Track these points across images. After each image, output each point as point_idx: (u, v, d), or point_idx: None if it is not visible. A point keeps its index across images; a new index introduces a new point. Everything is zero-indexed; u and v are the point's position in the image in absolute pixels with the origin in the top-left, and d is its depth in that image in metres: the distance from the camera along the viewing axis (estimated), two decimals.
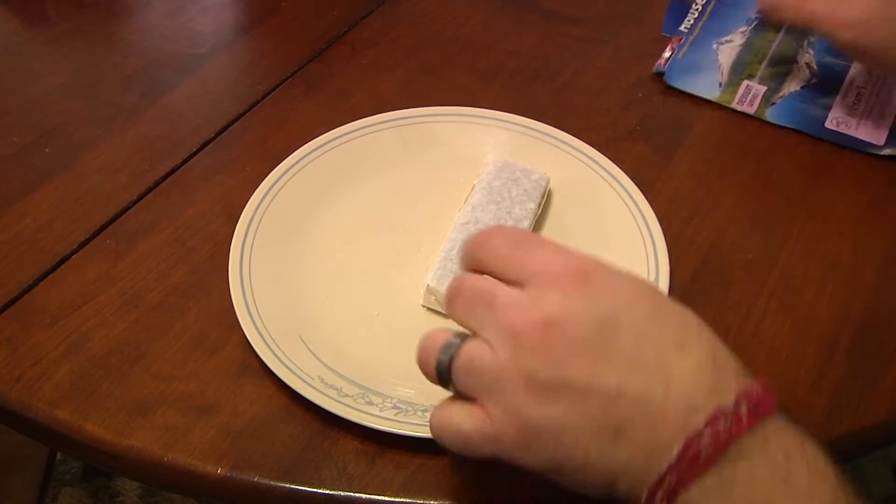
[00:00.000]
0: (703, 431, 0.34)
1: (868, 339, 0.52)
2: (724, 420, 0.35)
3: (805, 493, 0.34)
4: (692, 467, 0.34)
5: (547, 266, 0.38)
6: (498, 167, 0.57)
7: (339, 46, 0.73)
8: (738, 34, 0.73)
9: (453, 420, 0.39)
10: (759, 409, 0.35)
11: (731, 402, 0.35)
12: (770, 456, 0.35)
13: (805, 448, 0.35)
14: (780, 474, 0.34)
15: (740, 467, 0.34)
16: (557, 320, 0.36)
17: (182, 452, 0.45)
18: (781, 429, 0.36)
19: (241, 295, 0.51)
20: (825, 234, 0.57)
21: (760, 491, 0.34)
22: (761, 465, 0.34)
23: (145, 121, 0.65)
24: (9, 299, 0.53)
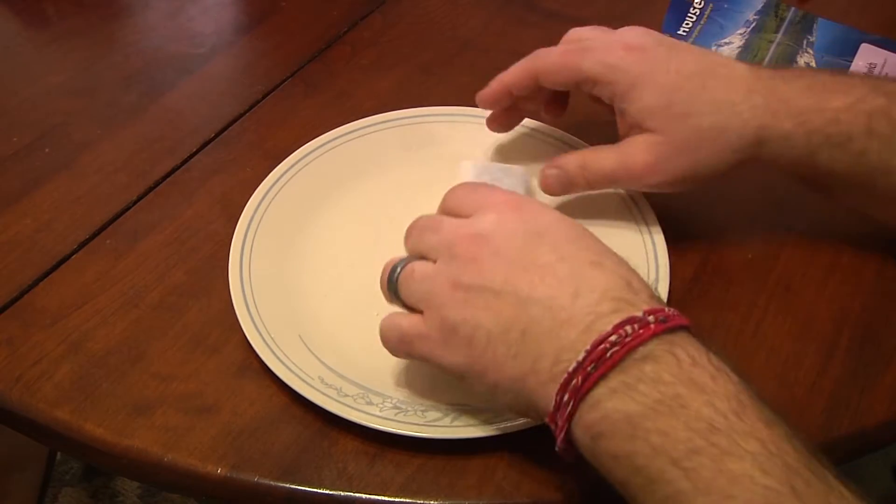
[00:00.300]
0: (611, 334, 0.37)
1: (868, 339, 0.52)
2: (631, 326, 0.37)
3: (710, 389, 0.36)
4: (598, 367, 0.37)
5: (490, 199, 0.44)
6: (478, 170, 0.56)
7: (339, 46, 0.73)
8: (737, 36, 0.73)
9: (395, 321, 0.44)
10: (668, 321, 0.38)
11: (641, 313, 0.38)
12: (677, 359, 0.37)
13: (710, 356, 0.37)
14: (685, 375, 0.36)
15: (647, 369, 0.37)
16: (487, 234, 0.42)
17: (182, 452, 0.45)
18: (689, 338, 0.38)
19: (241, 295, 0.51)
20: (825, 234, 0.57)
21: (665, 389, 0.36)
22: (667, 367, 0.36)
23: (145, 121, 0.65)
24: (9, 299, 0.53)
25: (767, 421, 0.35)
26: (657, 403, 0.36)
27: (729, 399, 0.35)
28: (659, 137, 0.51)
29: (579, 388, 0.37)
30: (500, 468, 0.45)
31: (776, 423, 0.35)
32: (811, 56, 0.71)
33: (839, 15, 0.74)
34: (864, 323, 0.52)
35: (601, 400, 0.37)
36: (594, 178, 0.53)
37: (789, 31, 0.73)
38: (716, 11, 0.75)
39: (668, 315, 0.38)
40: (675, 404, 0.35)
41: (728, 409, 0.35)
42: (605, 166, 0.53)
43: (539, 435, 0.45)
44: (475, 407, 0.46)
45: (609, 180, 0.53)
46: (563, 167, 0.54)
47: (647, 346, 0.37)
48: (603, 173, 0.53)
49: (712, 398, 0.35)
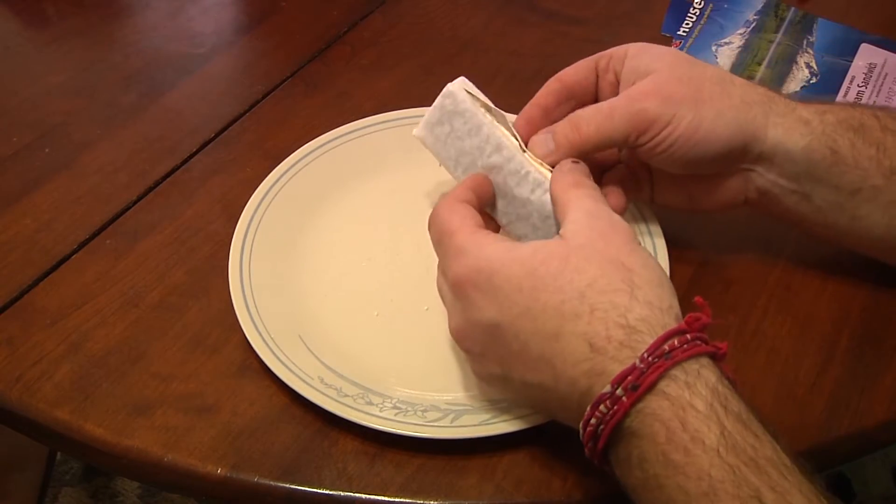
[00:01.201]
0: (591, 416, 0.38)
1: (868, 339, 0.51)
2: (604, 405, 0.37)
3: (681, 471, 0.35)
4: (596, 441, 0.38)
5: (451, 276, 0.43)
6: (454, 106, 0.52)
7: (339, 46, 0.73)
8: (737, 36, 0.73)
9: None
10: (639, 386, 0.36)
11: (608, 389, 0.37)
12: (652, 434, 0.36)
13: (686, 419, 0.36)
14: (660, 453, 0.36)
15: (633, 444, 0.37)
16: (463, 330, 0.43)
17: (182, 452, 0.45)
18: (665, 399, 0.37)
19: (241, 295, 0.51)
20: None
21: (648, 468, 0.37)
22: (648, 442, 0.37)
23: (145, 121, 0.65)
24: (9, 299, 0.53)
25: (742, 498, 0.34)
26: (644, 482, 0.37)
27: (700, 478, 0.35)
28: (662, 72, 0.49)
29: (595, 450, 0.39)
30: (500, 468, 0.45)
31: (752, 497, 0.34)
32: (811, 56, 0.71)
33: (839, 15, 0.74)
34: (864, 323, 0.52)
35: (613, 464, 0.39)
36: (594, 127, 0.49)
37: (789, 31, 0.73)
38: (716, 11, 0.75)
39: (638, 374, 0.37)
40: (654, 485, 0.36)
41: (698, 491, 0.35)
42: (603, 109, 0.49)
43: (539, 435, 0.45)
44: (475, 407, 0.46)
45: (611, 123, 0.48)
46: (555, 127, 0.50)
47: (626, 422, 0.37)
48: (603, 116, 0.49)
49: (683, 480, 0.35)
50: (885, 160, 0.48)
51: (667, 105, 0.48)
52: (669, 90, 0.48)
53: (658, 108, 0.48)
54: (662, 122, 0.48)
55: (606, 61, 0.52)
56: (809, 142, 0.48)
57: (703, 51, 0.72)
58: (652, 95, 0.48)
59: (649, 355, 0.37)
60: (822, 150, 0.48)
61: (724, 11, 0.75)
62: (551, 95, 0.53)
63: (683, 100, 0.48)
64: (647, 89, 0.49)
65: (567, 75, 0.53)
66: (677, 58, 0.51)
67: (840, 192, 0.49)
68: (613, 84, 0.52)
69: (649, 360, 0.37)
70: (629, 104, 0.49)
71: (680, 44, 0.72)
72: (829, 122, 0.48)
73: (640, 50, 0.51)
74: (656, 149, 0.49)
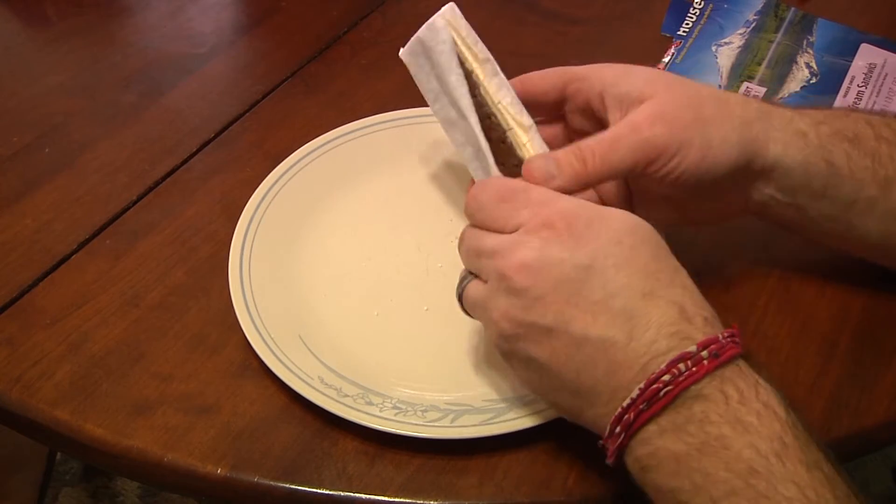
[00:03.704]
0: (664, 373, 0.37)
1: (868, 339, 0.52)
2: (684, 364, 0.37)
3: (754, 429, 0.36)
4: (650, 405, 0.37)
5: (532, 217, 0.42)
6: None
7: (339, 46, 0.73)
8: (737, 36, 0.73)
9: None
10: (721, 355, 0.38)
11: (694, 349, 0.38)
12: (725, 396, 0.37)
13: (759, 390, 0.38)
14: (731, 414, 0.37)
15: (696, 408, 0.37)
16: (533, 266, 0.40)
17: (182, 452, 0.45)
18: (740, 371, 0.38)
19: (241, 295, 0.51)
20: None
21: (711, 430, 0.36)
22: (715, 406, 0.37)
23: (145, 121, 0.65)
24: (9, 299, 0.53)
25: (809, 464, 0.36)
26: (702, 444, 0.36)
27: (772, 440, 0.36)
28: (660, 97, 0.47)
29: (631, 423, 0.38)
30: (500, 468, 0.45)
31: (817, 466, 0.36)
32: (811, 56, 0.71)
33: (839, 15, 0.74)
34: (864, 323, 0.52)
35: (651, 437, 0.38)
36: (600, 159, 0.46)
37: (789, 31, 0.73)
38: (716, 11, 0.75)
39: (721, 346, 0.38)
40: (718, 445, 0.36)
41: (770, 450, 0.36)
42: (606, 135, 0.47)
43: (539, 435, 0.45)
44: (475, 407, 0.46)
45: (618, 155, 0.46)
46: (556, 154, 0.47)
47: (698, 385, 0.37)
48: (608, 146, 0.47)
49: (755, 439, 0.36)
50: (880, 170, 0.48)
51: (673, 132, 0.47)
52: (673, 116, 0.47)
53: (665, 136, 0.46)
54: (671, 152, 0.47)
55: (576, 86, 0.51)
56: (807, 156, 0.48)
57: (703, 51, 0.72)
58: (657, 123, 0.46)
59: (728, 336, 0.39)
60: (819, 163, 0.48)
61: (724, 11, 0.75)
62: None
63: (689, 126, 0.47)
64: (650, 116, 0.47)
65: (532, 83, 0.53)
66: (669, 79, 0.49)
67: (836, 204, 0.49)
68: (584, 111, 0.51)
69: (728, 339, 0.38)
70: (634, 133, 0.47)
71: (680, 44, 0.72)
72: (825, 134, 0.48)
73: (622, 74, 0.49)
74: (665, 178, 0.47)
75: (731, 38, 0.73)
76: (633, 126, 0.47)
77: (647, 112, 0.47)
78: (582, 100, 0.51)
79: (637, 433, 0.38)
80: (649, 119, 0.47)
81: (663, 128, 0.46)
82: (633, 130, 0.47)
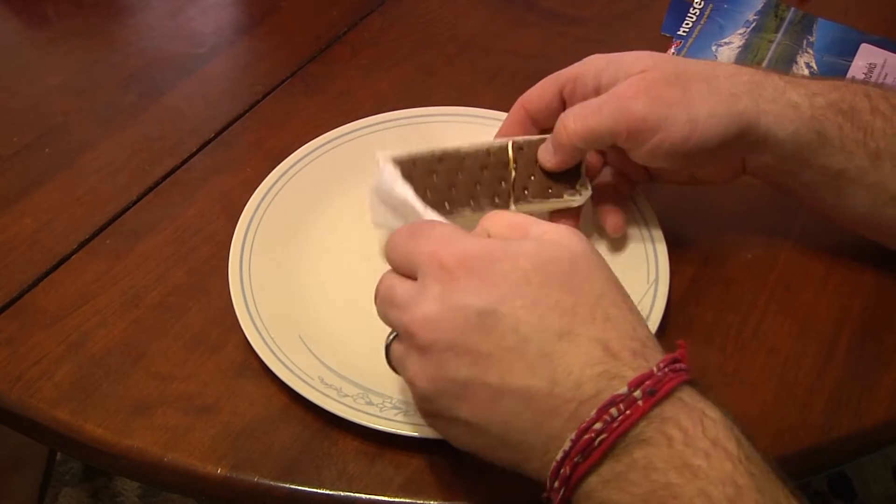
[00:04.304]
0: (595, 420, 0.35)
1: (868, 339, 0.52)
2: (616, 408, 0.35)
3: (703, 473, 0.33)
4: (585, 457, 0.35)
5: (430, 258, 0.39)
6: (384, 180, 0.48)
7: (339, 46, 0.73)
8: (737, 36, 0.73)
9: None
10: (657, 391, 0.35)
11: (625, 389, 0.35)
12: (668, 439, 0.34)
13: (705, 424, 0.35)
14: (677, 458, 0.34)
15: (637, 454, 0.34)
16: (435, 318, 0.37)
17: (182, 452, 0.45)
18: (683, 406, 0.35)
19: (240, 295, 0.51)
20: (825, 233, 0.57)
21: (657, 478, 0.34)
22: (658, 450, 0.34)
23: (145, 121, 0.65)
24: (9, 299, 0.53)
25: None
26: (649, 495, 0.34)
27: (724, 483, 0.33)
28: (647, 72, 0.48)
29: (569, 477, 0.35)
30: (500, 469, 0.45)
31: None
32: (811, 56, 0.71)
33: (839, 15, 0.74)
34: (864, 323, 0.52)
35: (594, 489, 0.35)
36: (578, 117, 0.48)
37: (789, 31, 0.73)
38: (716, 11, 0.75)
39: (657, 380, 0.35)
40: (666, 494, 0.34)
41: (723, 496, 0.33)
42: (590, 101, 0.49)
43: None
44: None
45: (594, 114, 0.48)
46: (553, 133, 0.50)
47: (635, 428, 0.34)
48: (587, 106, 0.48)
49: (706, 485, 0.33)
50: (871, 143, 0.48)
51: (656, 107, 0.47)
52: (658, 92, 0.48)
53: (646, 107, 0.47)
54: (652, 125, 0.47)
55: (572, 85, 0.51)
56: (797, 127, 0.48)
57: (703, 51, 0.72)
58: (641, 94, 0.47)
59: (664, 366, 0.36)
60: (809, 134, 0.48)
61: (724, 11, 0.75)
62: (517, 124, 0.54)
63: (674, 102, 0.47)
64: (635, 87, 0.48)
65: (530, 102, 0.53)
66: (657, 57, 0.50)
67: (825, 173, 0.50)
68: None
69: (665, 369, 0.36)
70: (615, 101, 0.48)
71: (680, 44, 0.72)
72: (819, 106, 0.48)
73: (611, 61, 0.50)
74: (655, 153, 0.48)
75: (731, 38, 0.73)
76: (616, 94, 0.48)
77: (632, 84, 0.48)
78: (580, 98, 0.51)
79: (579, 486, 0.35)
80: (633, 90, 0.48)
81: (646, 100, 0.47)
82: (615, 98, 0.48)
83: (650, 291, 0.51)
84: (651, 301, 0.51)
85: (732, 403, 0.47)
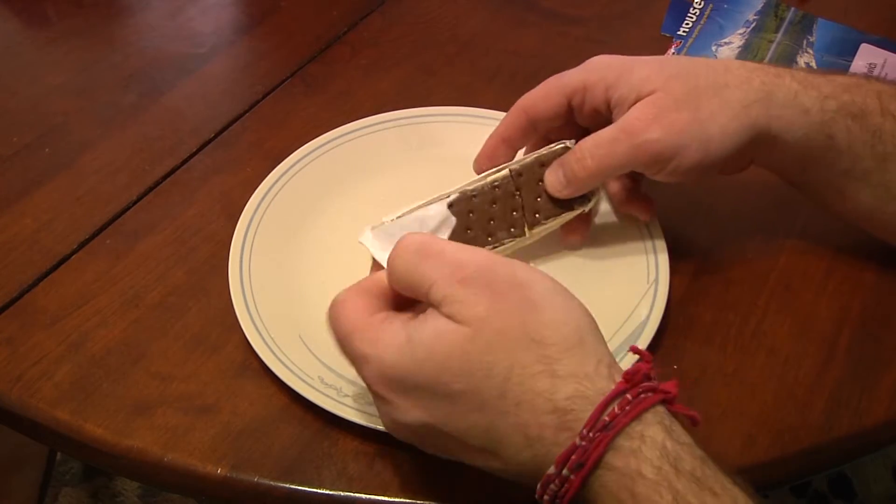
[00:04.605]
0: (544, 494, 0.36)
1: (868, 339, 0.52)
2: (553, 484, 0.36)
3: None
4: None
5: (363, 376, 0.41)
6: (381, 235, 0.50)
7: (339, 46, 0.73)
8: (737, 36, 0.73)
9: None
10: (584, 464, 0.35)
11: (554, 469, 0.36)
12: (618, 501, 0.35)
13: (635, 490, 0.35)
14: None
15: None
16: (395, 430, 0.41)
17: (182, 452, 0.45)
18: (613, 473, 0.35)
19: (240, 295, 0.51)
20: (825, 233, 0.57)
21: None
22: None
23: (145, 121, 0.65)
24: (9, 299, 0.53)
25: None
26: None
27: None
28: (657, 94, 0.48)
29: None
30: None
31: None
32: (811, 56, 0.71)
33: (839, 15, 0.74)
34: (864, 323, 0.52)
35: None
36: (594, 155, 0.48)
37: (789, 31, 0.73)
38: (716, 11, 0.75)
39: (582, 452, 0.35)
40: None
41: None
42: (603, 136, 0.48)
43: None
44: None
45: (610, 152, 0.48)
46: (563, 163, 0.50)
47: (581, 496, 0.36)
48: (602, 144, 0.48)
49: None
50: (878, 146, 0.48)
51: (670, 136, 0.47)
52: (670, 119, 0.47)
53: (661, 140, 0.47)
54: (668, 154, 0.48)
55: (581, 96, 0.50)
56: (807, 132, 0.49)
57: (703, 51, 0.72)
58: (654, 125, 0.47)
59: (589, 430, 0.35)
60: (818, 137, 0.49)
61: (724, 11, 0.75)
62: (517, 130, 0.52)
63: (686, 128, 0.47)
64: (646, 119, 0.47)
65: (534, 110, 0.52)
66: (667, 73, 0.49)
67: (831, 171, 0.50)
68: (594, 116, 0.51)
69: (590, 435, 0.35)
70: (630, 138, 0.48)
71: (680, 44, 0.72)
72: (829, 110, 0.48)
73: (621, 73, 0.49)
74: (670, 175, 0.49)
75: (731, 38, 0.73)
76: (629, 130, 0.48)
77: (643, 114, 0.47)
78: (590, 109, 0.51)
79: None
80: (644, 121, 0.47)
81: (659, 132, 0.47)
82: (628, 135, 0.48)
83: (650, 291, 0.51)
84: (651, 301, 0.51)
85: (732, 403, 0.48)
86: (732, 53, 0.71)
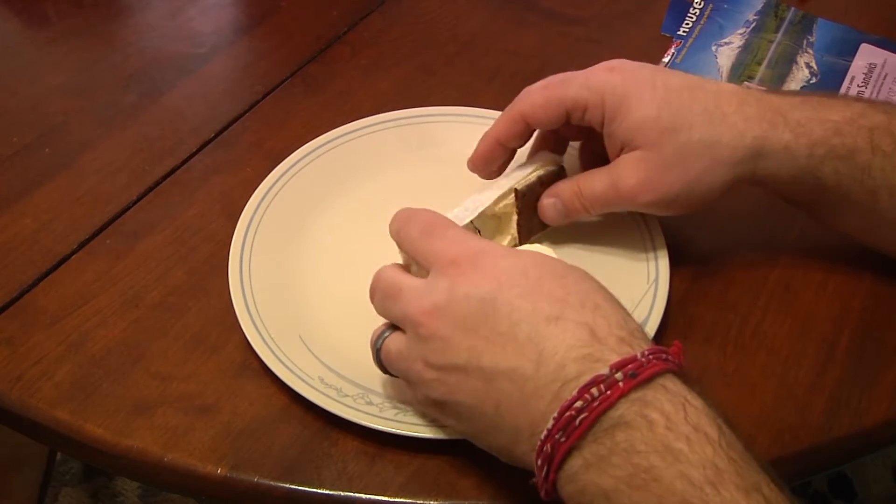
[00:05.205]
0: (576, 399, 0.36)
1: (868, 339, 0.52)
2: (597, 388, 0.36)
3: (685, 457, 0.34)
4: (567, 435, 0.36)
5: (442, 255, 0.42)
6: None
7: (339, 46, 0.73)
8: (737, 36, 0.73)
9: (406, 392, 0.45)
10: (638, 374, 0.36)
11: (607, 370, 0.36)
12: (649, 423, 0.35)
13: (687, 411, 0.36)
14: (659, 442, 0.35)
15: (619, 436, 0.35)
16: (442, 307, 0.40)
17: (182, 452, 0.45)
18: (665, 391, 0.36)
19: (240, 295, 0.51)
20: (825, 234, 0.57)
21: (639, 461, 0.35)
22: (640, 433, 0.35)
23: (145, 121, 0.65)
24: (9, 299, 0.53)
25: (747, 489, 0.34)
26: (631, 477, 0.35)
27: (705, 467, 0.34)
28: (648, 153, 0.49)
29: (551, 457, 0.37)
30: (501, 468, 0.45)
31: (756, 489, 0.34)
32: (811, 56, 0.71)
33: (839, 15, 0.74)
34: (864, 323, 0.52)
35: (578, 472, 0.36)
36: (589, 203, 0.52)
37: (789, 31, 0.73)
38: (716, 11, 0.75)
39: (640, 365, 0.36)
40: (648, 477, 0.34)
41: (703, 479, 0.34)
42: (596, 190, 0.51)
43: None
44: None
45: (603, 204, 0.52)
46: (560, 195, 0.52)
47: (616, 410, 0.36)
48: (595, 197, 0.51)
49: (687, 468, 0.34)
50: (867, 181, 0.49)
51: (658, 195, 0.50)
52: (660, 180, 0.50)
53: (653, 201, 0.50)
54: (657, 209, 0.52)
55: (580, 114, 0.51)
56: (795, 174, 0.50)
57: (703, 51, 0.72)
58: (645, 190, 0.50)
59: (649, 353, 0.37)
60: (806, 178, 0.50)
61: (724, 11, 0.75)
62: (514, 135, 0.53)
63: (673, 188, 0.50)
64: (636, 179, 0.50)
65: (534, 118, 0.52)
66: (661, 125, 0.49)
67: (820, 201, 0.51)
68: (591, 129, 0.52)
69: (650, 357, 0.37)
70: (624, 202, 0.51)
71: (680, 44, 0.72)
72: (818, 156, 0.49)
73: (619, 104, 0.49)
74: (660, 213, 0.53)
75: (731, 38, 0.73)
76: (620, 189, 0.50)
77: (633, 173, 0.50)
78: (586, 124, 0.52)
79: (563, 468, 0.36)
80: (634, 181, 0.50)
81: (649, 196, 0.50)
82: (619, 194, 0.50)
83: (650, 291, 0.51)
84: (651, 301, 0.51)
85: (732, 403, 0.48)
86: (732, 53, 0.71)
